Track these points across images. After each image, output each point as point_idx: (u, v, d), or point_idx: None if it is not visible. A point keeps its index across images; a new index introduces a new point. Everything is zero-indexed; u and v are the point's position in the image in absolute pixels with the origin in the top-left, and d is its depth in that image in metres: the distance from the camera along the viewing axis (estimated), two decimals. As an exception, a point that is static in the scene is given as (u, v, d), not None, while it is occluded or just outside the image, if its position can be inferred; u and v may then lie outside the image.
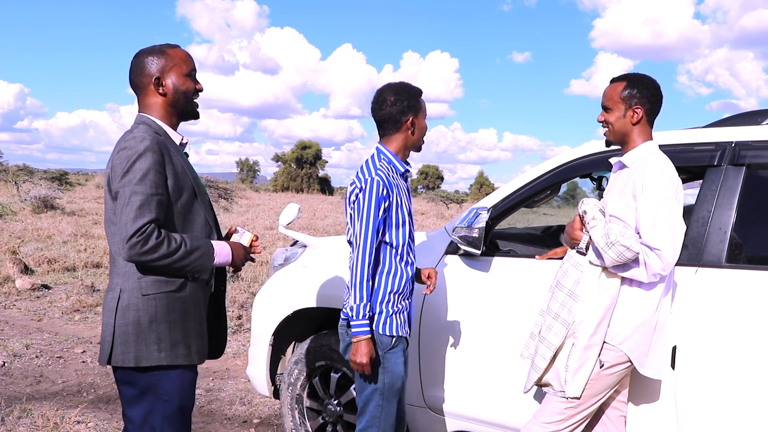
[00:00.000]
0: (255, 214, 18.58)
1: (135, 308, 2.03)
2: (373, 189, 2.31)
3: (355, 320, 2.32)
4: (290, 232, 3.50)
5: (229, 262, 2.19)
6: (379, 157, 2.44)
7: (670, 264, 2.14)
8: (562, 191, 3.20)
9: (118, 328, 2.03)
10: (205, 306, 2.20)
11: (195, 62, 2.23)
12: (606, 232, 2.16)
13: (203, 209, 2.18)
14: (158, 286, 2.04)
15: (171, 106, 2.17)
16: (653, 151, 2.30)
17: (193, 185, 2.14)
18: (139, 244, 1.92)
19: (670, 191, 2.18)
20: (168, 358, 2.05)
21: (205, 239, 2.14)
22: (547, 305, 2.35)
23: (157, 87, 2.14)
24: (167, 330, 2.05)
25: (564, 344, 2.27)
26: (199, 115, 2.26)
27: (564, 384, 2.25)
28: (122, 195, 1.96)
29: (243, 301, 6.96)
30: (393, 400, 2.46)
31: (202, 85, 2.23)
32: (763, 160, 2.38)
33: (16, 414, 3.83)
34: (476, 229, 2.68)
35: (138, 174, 1.96)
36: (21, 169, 28.10)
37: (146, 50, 2.17)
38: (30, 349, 5.34)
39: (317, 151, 58.20)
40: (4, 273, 7.88)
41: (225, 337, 2.39)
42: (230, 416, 4.11)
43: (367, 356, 2.32)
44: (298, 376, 3.29)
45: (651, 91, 2.32)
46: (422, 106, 2.50)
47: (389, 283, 2.40)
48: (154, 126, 2.12)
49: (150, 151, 1.99)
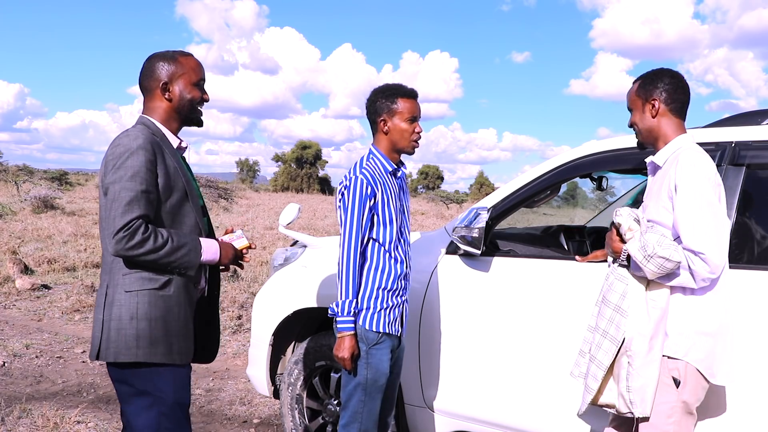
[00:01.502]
0: (255, 214, 18.57)
1: (118, 304, 2.05)
2: (356, 187, 2.36)
3: (339, 316, 2.37)
4: (290, 232, 3.50)
5: (216, 260, 2.20)
6: (368, 156, 2.49)
7: (719, 266, 2.01)
8: (562, 191, 3.20)
9: (104, 324, 2.06)
10: (192, 307, 2.19)
11: (205, 72, 2.27)
12: (642, 244, 2.04)
13: (194, 212, 2.19)
14: (141, 283, 2.05)
15: (175, 112, 2.20)
16: (686, 145, 2.17)
17: (185, 187, 2.16)
18: (126, 239, 1.95)
19: (707, 188, 2.05)
20: (146, 355, 2.05)
21: (193, 236, 2.15)
22: (594, 322, 2.23)
23: (164, 92, 2.17)
24: (147, 327, 2.05)
25: (618, 362, 2.14)
26: (202, 123, 2.29)
27: (631, 405, 2.10)
28: (112, 190, 2.00)
29: (243, 301, 6.96)
30: (376, 397, 2.47)
31: (209, 96, 2.27)
32: (763, 160, 2.37)
33: (16, 414, 3.82)
34: (476, 229, 2.68)
35: (129, 171, 2.00)
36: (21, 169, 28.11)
37: (159, 54, 2.21)
38: (30, 349, 5.34)
39: (317, 151, 58.21)
40: (4, 273, 7.88)
41: (217, 343, 2.39)
42: (230, 416, 4.11)
43: (349, 351, 2.36)
44: (298, 376, 3.29)
45: (665, 81, 2.24)
46: (399, 108, 2.46)
47: (377, 279, 2.42)
48: (153, 128, 2.15)
49: (142, 149, 2.02)
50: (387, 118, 2.47)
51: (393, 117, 2.46)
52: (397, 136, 2.48)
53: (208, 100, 2.27)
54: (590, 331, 2.26)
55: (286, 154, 58.67)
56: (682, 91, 2.25)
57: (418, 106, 2.50)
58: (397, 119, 2.46)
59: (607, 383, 2.19)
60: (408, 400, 3.03)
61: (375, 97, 2.50)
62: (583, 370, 2.28)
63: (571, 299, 2.62)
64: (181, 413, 2.15)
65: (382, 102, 2.47)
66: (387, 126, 2.47)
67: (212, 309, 2.36)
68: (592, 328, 2.25)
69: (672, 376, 2.09)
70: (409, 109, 2.47)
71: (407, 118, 2.46)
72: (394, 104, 2.46)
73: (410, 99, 2.48)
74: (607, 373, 2.17)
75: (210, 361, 2.39)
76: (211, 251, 2.17)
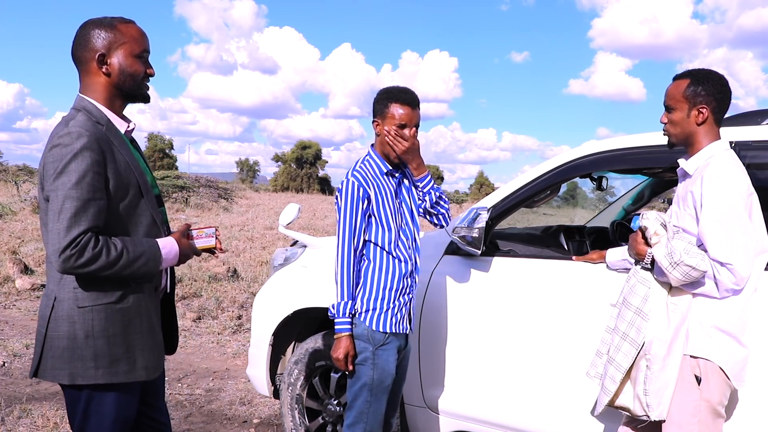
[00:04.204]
0: (255, 214, 18.58)
1: (70, 321, 1.83)
2: (348, 189, 2.38)
3: (336, 318, 2.38)
4: (290, 232, 3.50)
5: (176, 263, 2.02)
6: (364, 158, 2.50)
7: (744, 278, 2.01)
8: (562, 191, 3.20)
9: (49, 340, 1.85)
10: (157, 313, 2.02)
11: (149, 42, 1.98)
12: (669, 251, 2.02)
13: (150, 208, 1.97)
14: (96, 298, 1.84)
15: (115, 88, 1.92)
16: (718, 152, 2.14)
17: (138, 182, 1.92)
18: (74, 257, 1.72)
19: (734, 198, 2.02)
20: (106, 375, 1.85)
21: (151, 241, 1.93)
22: (614, 323, 2.21)
23: (101, 65, 1.88)
24: (106, 345, 1.84)
25: (636, 365, 2.13)
26: (149, 99, 2.01)
27: (647, 408, 2.11)
28: (54, 199, 1.75)
29: (243, 301, 6.96)
30: (382, 397, 2.47)
31: (153, 70, 1.99)
32: (763, 160, 2.37)
33: (16, 414, 3.82)
34: (476, 229, 2.68)
35: (73, 176, 1.74)
36: (21, 169, 28.13)
37: (94, 21, 1.91)
38: (30, 349, 5.33)
39: (317, 151, 58.25)
40: (4, 273, 7.88)
41: (176, 336, 2.22)
42: (230, 416, 4.11)
43: (344, 352, 2.37)
44: (298, 376, 3.29)
45: (717, 88, 2.15)
46: (390, 113, 2.43)
47: (381, 279, 2.42)
48: (96, 113, 1.88)
49: (87, 149, 1.76)
50: (380, 121, 2.47)
51: (384, 120, 2.45)
52: (384, 140, 2.46)
53: (154, 75, 1.98)
54: (609, 332, 2.25)
55: (286, 154, 58.72)
56: (728, 99, 2.18)
57: (412, 114, 2.44)
58: (389, 123, 2.44)
59: (624, 385, 2.18)
60: (408, 400, 3.03)
61: (375, 98, 2.51)
62: (599, 371, 2.27)
63: (571, 299, 2.62)
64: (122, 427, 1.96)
65: (378, 104, 2.48)
66: (379, 128, 2.47)
67: (169, 304, 2.18)
68: (610, 329, 2.24)
69: (694, 374, 2.08)
70: (401, 116, 2.42)
71: (395, 125, 2.42)
72: (387, 108, 2.45)
73: (404, 105, 2.43)
74: (624, 375, 2.16)
75: (171, 353, 2.20)
76: (171, 254, 1.96)
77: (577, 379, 2.54)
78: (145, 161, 2.06)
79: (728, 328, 2.07)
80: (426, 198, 2.55)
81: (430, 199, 2.55)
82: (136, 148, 2.05)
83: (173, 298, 2.22)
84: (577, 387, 2.56)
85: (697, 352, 2.08)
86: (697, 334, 2.08)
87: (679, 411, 2.09)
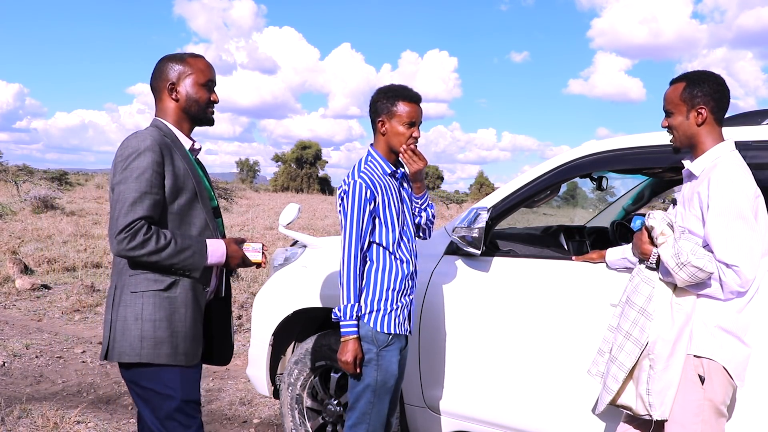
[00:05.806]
0: (255, 214, 18.57)
1: (124, 305, 2.07)
2: (355, 191, 2.36)
3: (342, 320, 2.37)
4: (290, 232, 3.50)
5: (223, 263, 2.19)
6: (367, 158, 2.49)
7: (749, 281, 2.01)
8: (562, 191, 3.20)
9: (112, 324, 2.09)
10: (200, 309, 2.18)
11: (215, 73, 2.27)
12: (676, 251, 2.02)
13: (204, 213, 2.19)
14: (146, 284, 2.06)
15: (183, 112, 2.21)
16: (724, 154, 2.14)
17: (195, 188, 2.16)
18: (127, 240, 1.96)
19: (742, 200, 2.02)
20: (149, 356, 2.06)
21: (200, 238, 2.15)
22: (617, 322, 2.21)
23: (171, 92, 2.19)
24: (151, 328, 2.06)
25: (639, 364, 2.14)
26: (213, 122, 2.30)
27: (650, 407, 2.10)
28: (117, 191, 2.02)
29: (243, 301, 6.96)
30: (385, 398, 2.47)
31: (217, 96, 2.27)
32: (763, 160, 2.37)
33: (16, 414, 3.82)
34: (476, 229, 2.68)
35: (135, 171, 2.01)
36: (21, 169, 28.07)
37: (169, 56, 2.24)
38: (30, 349, 5.34)
39: (317, 151, 58.20)
40: (4, 273, 7.88)
41: (230, 345, 2.41)
42: (230, 416, 4.11)
43: (352, 355, 2.36)
44: (298, 376, 3.29)
45: (714, 87, 2.17)
46: (398, 111, 2.43)
47: (384, 281, 2.42)
48: (165, 129, 2.17)
49: (149, 150, 2.03)
50: (385, 120, 2.45)
51: (391, 119, 2.44)
52: (392, 139, 2.46)
53: (217, 101, 2.28)
54: (611, 330, 2.25)
55: (286, 154, 58.67)
56: (726, 98, 2.20)
57: (419, 111, 2.46)
58: (395, 122, 2.44)
59: (627, 385, 2.18)
60: (408, 400, 3.03)
61: (377, 97, 2.48)
62: (601, 369, 2.27)
63: (571, 299, 2.62)
64: (191, 408, 2.18)
65: (383, 103, 2.46)
66: (384, 127, 2.46)
67: (226, 311, 2.37)
68: (613, 327, 2.24)
69: (697, 374, 2.08)
70: (409, 113, 2.43)
71: (405, 122, 2.44)
72: (394, 106, 2.44)
73: (411, 103, 2.44)
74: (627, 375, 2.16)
75: (225, 364, 2.41)
76: (218, 254, 2.15)
77: (577, 379, 2.54)
78: (207, 178, 2.33)
79: (732, 327, 2.07)
80: (423, 214, 2.66)
81: (426, 216, 2.66)
82: (201, 167, 2.32)
83: (230, 305, 2.38)
84: (577, 387, 2.56)
85: (700, 351, 2.08)
86: (700, 333, 2.09)
87: (682, 410, 2.09)
